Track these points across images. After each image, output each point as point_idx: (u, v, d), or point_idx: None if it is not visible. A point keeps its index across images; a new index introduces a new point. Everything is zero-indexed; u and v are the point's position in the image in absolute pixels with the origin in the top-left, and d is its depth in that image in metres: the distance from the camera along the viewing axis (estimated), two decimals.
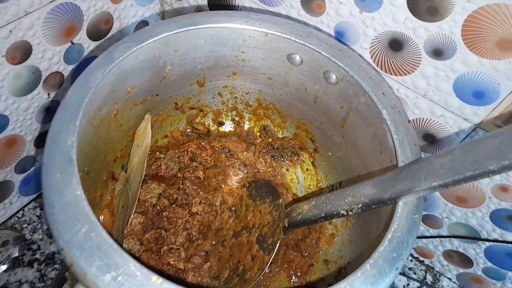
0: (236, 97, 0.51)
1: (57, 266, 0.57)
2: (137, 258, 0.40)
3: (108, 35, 0.55)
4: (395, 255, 0.32)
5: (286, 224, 0.41)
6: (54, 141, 0.30)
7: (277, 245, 0.42)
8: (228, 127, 0.54)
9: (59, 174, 0.29)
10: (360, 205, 0.34)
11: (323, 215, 0.36)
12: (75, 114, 0.31)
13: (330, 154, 0.51)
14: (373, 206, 0.33)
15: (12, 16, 0.42)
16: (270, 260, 0.41)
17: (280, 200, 0.46)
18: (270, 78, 0.48)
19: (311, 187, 0.53)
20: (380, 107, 0.38)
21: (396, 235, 0.32)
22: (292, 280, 0.47)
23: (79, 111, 0.31)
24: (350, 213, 0.35)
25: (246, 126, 0.54)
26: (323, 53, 0.41)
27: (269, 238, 0.43)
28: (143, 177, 0.41)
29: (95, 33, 0.53)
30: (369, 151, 0.42)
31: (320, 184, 0.53)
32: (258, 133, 0.55)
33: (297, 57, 0.44)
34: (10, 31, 0.43)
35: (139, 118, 0.44)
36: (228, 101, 0.52)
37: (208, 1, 0.54)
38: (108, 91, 0.36)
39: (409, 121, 0.39)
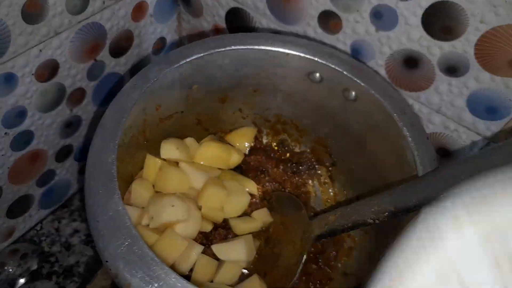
0: (255, 113, 0.53)
1: (75, 278, 0.58)
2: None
3: (128, 52, 0.57)
4: None
5: (313, 235, 0.43)
6: (96, 158, 0.32)
7: (304, 256, 0.43)
8: None
9: (101, 190, 0.30)
10: (387, 213, 0.35)
11: (350, 224, 0.38)
12: (115, 133, 0.32)
13: (348, 168, 0.52)
14: (399, 214, 0.35)
15: (43, 36, 0.44)
16: (299, 271, 0.42)
17: (303, 211, 0.47)
18: (289, 94, 0.50)
19: (329, 200, 0.55)
20: (400, 125, 0.40)
21: None
22: None
23: (118, 130, 0.33)
24: (377, 221, 0.36)
25: (265, 141, 0.56)
26: (345, 72, 0.43)
27: (295, 250, 0.44)
28: None
29: (117, 50, 0.55)
30: (388, 165, 0.43)
31: (338, 197, 0.54)
32: (276, 147, 0.56)
33: (317, 75, 0.46)
34: (40, 51, 0.45)
35: (164, 133, 0.46)
36: (247, 116, 0.53)
37: (225, 18, 0.56)
38: (140, 109, 0.38)
39: (427, 138, 0.40)
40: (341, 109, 0.47)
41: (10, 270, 0.56)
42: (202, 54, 0.40)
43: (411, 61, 0.45)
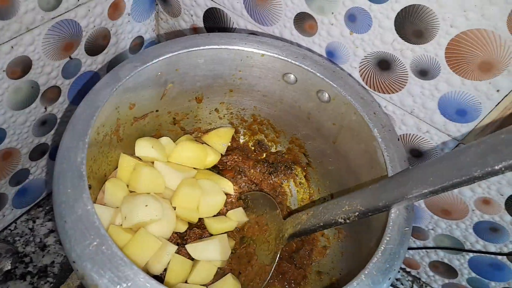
0: (232, 112, 0.53)
1: (49, 279, 0.57)
2: None
3: (105, 50, 0.57)
4: (388, 266, 0.34)
5: (287, 234, 0.43)
6: (65, 157, 0.31)
7: (278, 255, 0.44)
8: None
9: (70, 190, 0.30)
10: (357, 213, 0.36)
11: (321, 224, 0.38)
12: (84, 131, 0.32)
13: (322, 168, 0.53)
14: (369, 214, 0.35)
15: (14, 32, 0.43)
16: (272, 270, 0.43)
17: (278, 211, 0.48)
18: (265, 95, 0.51)
19: (304, 200, 0.55)
20: (371, 126, 0.41)
21: (388, 247, 0.34)
22: None
23: (88, 129, 0.32)
24: (348, 221, 0.36)
25: (241, 141, 0.56)
26: (318, 73, 0.43)
27: (269, 249, 0.45)
28: None
29: (93, 48, 0.54)
30: (360, 165, 0.44)
31: (313, 197, 0.55)
32: (253, 148, 0.57)
33: (292, 77, 0.46)
34: (12, 47, 0.44)
35: (138, 132, 0.46)
36: (224, 116, 0.54)
37: (203, 19, 0.56)
38: (112, 108, 0.38)
39: (398, 139, 0.41)
40: (316, 110, 0.48)
41: None
42: (176, 53, 0.40)
43: (384, 64, 0.45)
